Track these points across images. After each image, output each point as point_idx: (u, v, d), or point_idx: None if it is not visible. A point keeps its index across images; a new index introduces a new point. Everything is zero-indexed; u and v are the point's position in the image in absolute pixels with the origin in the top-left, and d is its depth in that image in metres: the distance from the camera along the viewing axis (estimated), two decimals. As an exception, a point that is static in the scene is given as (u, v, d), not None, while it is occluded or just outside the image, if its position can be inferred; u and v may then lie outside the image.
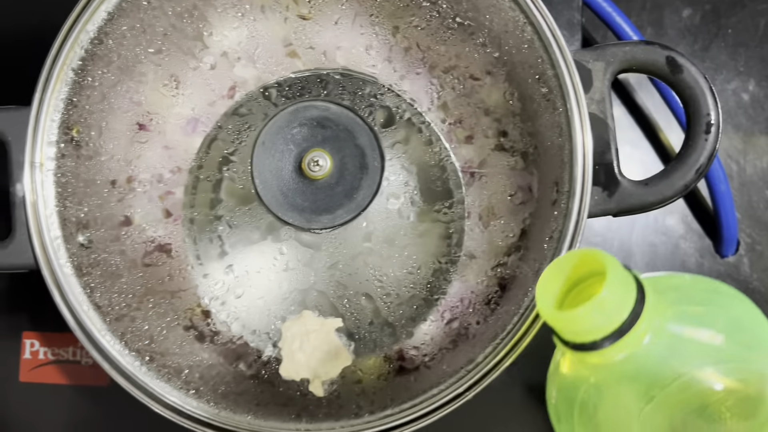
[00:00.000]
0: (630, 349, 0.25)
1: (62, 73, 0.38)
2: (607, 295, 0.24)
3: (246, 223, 0.44)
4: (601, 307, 0.24)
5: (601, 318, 0.25)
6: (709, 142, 0.37)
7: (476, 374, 0.37)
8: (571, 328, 0.25)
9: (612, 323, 0.25)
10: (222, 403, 0.38)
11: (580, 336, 0.25)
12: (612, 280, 0.24)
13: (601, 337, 0.25)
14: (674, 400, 0.25)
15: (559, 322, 0.25)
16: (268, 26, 0.44)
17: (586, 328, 0.25)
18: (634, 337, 0.25)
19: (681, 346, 0.26)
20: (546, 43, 0.37)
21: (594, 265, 0.26)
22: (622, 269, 0.25)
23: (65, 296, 0.38)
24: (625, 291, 0.25)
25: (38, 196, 0.38)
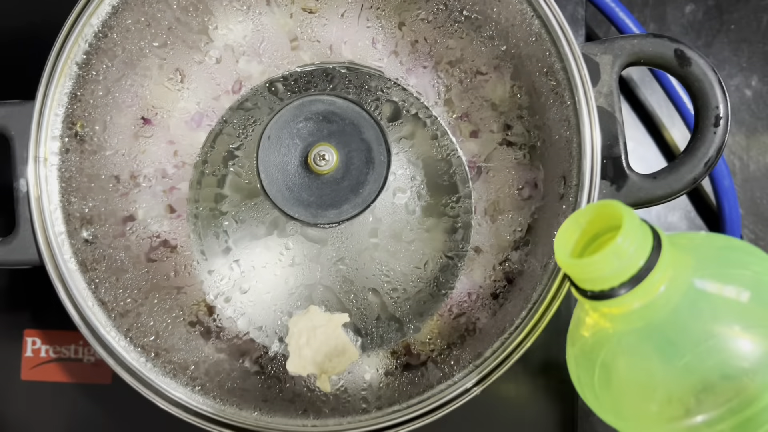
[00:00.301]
0: (646, 297, 0.26)
1: (66, 67, 0.38)
2: (623, 242, 0.25)
3: (251, 218, 0.43)
4: (617, 253, 0.25)
5: (618, 264, 0.25)
6: (717, 135, 0.37)
7: (484, 369, 0.37)
8: (588, 275, 0.26)
9: (628, 270, 0.25)
10: (228, 399, 0.38)
11: (597, 284, 0.26)
12: (628, 228, 0.25)
13: (618, 284, 0.25)
14: (704, 363, 0.26)
15: (576, 269, 0.26)
16: (273, 20, 0.43)
17: (603, 275, 0.26)
18: (650, 284, 0.25)
19: (705, 302, 0.26)
20: (554, 36, 0.37)
21: (611, 220, 0.26)
22: (638, 219, 0.26)
23: (70, 292, 0.38)
24: (642, 240, 0.26)
25: (42, 192, 0.38)
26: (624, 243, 0.25)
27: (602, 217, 0.27)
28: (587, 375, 0.28)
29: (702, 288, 0.26)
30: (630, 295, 0.26)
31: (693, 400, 0.25)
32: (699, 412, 0.25)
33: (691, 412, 0.25)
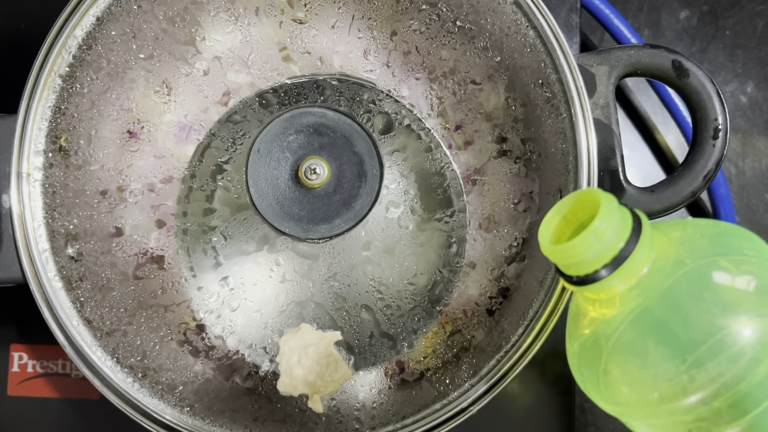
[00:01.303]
0: (630, 279, 0.27)
1: (50, 79, 0.38)
2: (600, 225, 0.26)
3: (241, 234, 0.43)
4: (595, 235, 0.26)
5: (598, 247, 0.26)
6: (717, 147, 0.37)
7: (481, 388, 0.37)
8: (570, 260, 0.27)
9: (609, 252, 0.26)
10: (218, 420, 0.38)
11: (581, 268, 0.27)
12: (605, 211, 0.26)
13: (601, 266, 0.27)
14: (696, 342, 0.26)
15: (558, 254, 0.27)
16: (262, 30, 0.43)
17: (584, 258, 0.27)
18: (631, 266, 0.26)
19: (698, 286, 0.27)
20: (549, 47, 0.37)
21: (593, 208, 0.27)
22: (617, 203, 0.27)
23: (54, 311, 0.37)
24: (621, 223, 0.27)
25: (25, 208, 0.38)
26: (602, 225, 0.26)
27: (584, 205, 0.28)
28: (590, 371, 0.29)
29: (695, 273, 0.27)
30: (613, 277, 0.27)
31: (686, 377, 0.26)
32: (693, 390, 0.26)
33: (686, 390, 0.26)
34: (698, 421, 0.26)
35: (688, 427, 0.27)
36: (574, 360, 0.30)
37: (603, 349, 0.28)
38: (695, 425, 0.26)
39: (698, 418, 0.26)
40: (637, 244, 0.26)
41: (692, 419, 0.26)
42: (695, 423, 0.26)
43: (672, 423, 0.27)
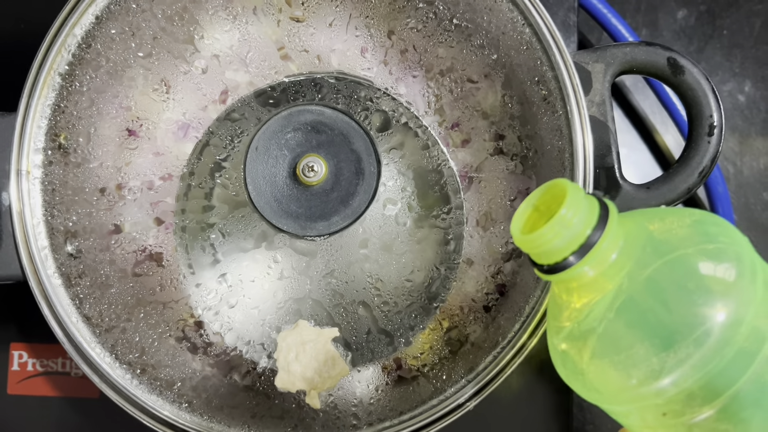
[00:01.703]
0: (599, 265, 0.27)
1: (49, 78, 0.38)
2: (567, 212, 0.27)
3: (239, 231, 0.43)
4: (562, 223, 0.27)
5: (566, 234, 0.27)
6: (712, 144, 0.37)
7: (477, 384, 0.37)
8: (540, 248, 0.27)
9: (576, 240, 0.27)
10: (216, 417, 0.38)
11: (551, 256, 0.27)
12: (571, 199, 0.27)
13: (569, 253, 0.27)
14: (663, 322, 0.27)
15: (528, 243, 0.28)
16: (260, 29, 0.44)
17: (553, 246, 0.27)
18: (599, 252, 0.27)
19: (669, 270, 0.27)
20: (545, 45, 0.37)
21: (563, 198, 0.28)
22: (583, 192, 0.28)
23: (53, 308, 0.38)
24: (588, 211, 0.27)
25: (25, 205, 0.38)
26: (568, 213, 0.27)
27: (555, 196, 0.28)
28: (572, 362, 0.29)
29: (674, 262, 0.27)
30: (581, 263, 0.27)
31: (656, 360, 0.26)
32: (663, 373, 0.26)
33: (656, 374, 0.26)
34: (671, 404, 0.27)
35: (662, 410, 0.27)
36: (555, 352, 0.30)
37: (579, 338, 0.28)
38: (669, 408, 0.27)
39: (670, 400, 0.27)
40: (603, 231, 0.27)
41: (664, 402, 0.27)
42: (668, 406, 0.27)
43: (646, 407, 0.27)
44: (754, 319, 0.26)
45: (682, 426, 0.27)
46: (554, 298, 0.30)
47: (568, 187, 0.27)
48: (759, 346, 0.26)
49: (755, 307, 0.26)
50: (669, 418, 0.27)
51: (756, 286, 0.27)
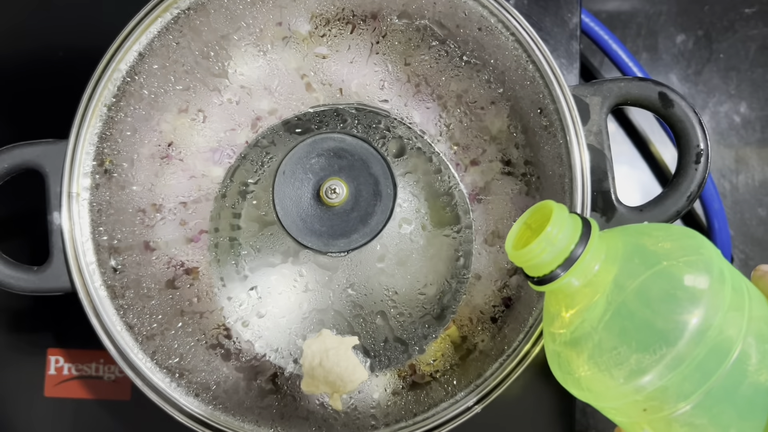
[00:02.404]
0: (583, 276, 0.29)
1: (97, 109, 0.40)
2: (552, 230, 0.29)
3: (267, 247, 0.45)
4: (547, 239, 0.29)
5: (552, 249, 0.29)
6: (699, 171, 0.39)
7: (485, 388, 0.39)
8: (530, 262, 0.29)
9: (562, 254, 0.29)
10: (247, 417, 0.40)
11: (541, 269, 0.29)
12: (555, 218, 0.29)
13: (556, 266, 0.29)
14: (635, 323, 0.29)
15: (520, 257, 0.30)
16: (288, 64, 0.45)
17: (542, 260, 0.29)
18: (583, 264, 0.29)
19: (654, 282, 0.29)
20: (547, 80, 0.39)
21: (550, 216, 0.30)
22: (567, 212, 0.30)
23: (100, 317, 0.39)
24: (572, 228, 0.29)
25: (75, 224, 0.39)
26: (553, 230, 0.29)
27: (543, 216, 0.30)
28: (564, 364, 0.31)
29: (655, 275, 0.29)
30: (567, 275, 0.29)
31: (633, 360, 0.28)
32: (640, 372, 0.28)
33: (634, 373, 0.28)
34: (650, 400, 0.28)
35: (642, 406, 0.29)
36: (550, 356, 0.32)
37: (570, 343, 0.30)
38: (648, 404, 0.28)
39: (649, 397, 0.28)
40: (586, 246, 0.29)
41: (644, 398, 0.28)
42: (647, 402, 0.28)
43: (628, 403, 0.29)
44: (722, 323, 0.28)
45: (662, 420, 0.29)
46: (548, 307, 0.32)
47: (554, 207, 0.29)
48: (729, 347, 0.28)
49: (723, 312, 0.28)
50: (649, 414, 0.29)
51: (724, 293, 0.28)
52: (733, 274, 0.30)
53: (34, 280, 0.40)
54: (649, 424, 0.30)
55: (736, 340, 0.28)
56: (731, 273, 0.30)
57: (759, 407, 0.29)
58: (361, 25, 0.44)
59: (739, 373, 0.28)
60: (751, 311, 0.29)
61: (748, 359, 0.28)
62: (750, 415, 0.29)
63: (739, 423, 0.29)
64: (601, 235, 0.30)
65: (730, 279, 0.29)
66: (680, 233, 0.31)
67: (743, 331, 0.28)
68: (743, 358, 0.28)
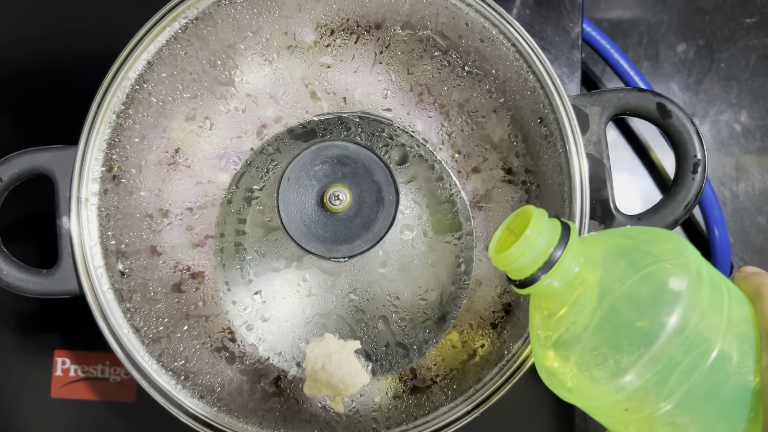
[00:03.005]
0: (563, 278, 0.30)
1: (106, 116, 0.40)
2: (531, 233, 0.29)
3: (272, 252, 0.45)
4: (527, 243, 0.29)
5: (531, 253, 0.29)
6: (696, 180, 0.39)
7: (484, 393, 0.39)
8: (512, 265, 0.30)
9: (542, 257, 0.30)
10: (251, 419, 0.40)
11: (522, 272, 0.30)
12: (534, 222, 0.30)
13: (536, 269, 0.30)
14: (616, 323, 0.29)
15: (501, 261, 0.30)
16: (293, 73, 0.46)
17: (522, 264, 0.30)
18: (562, 267, 0.30)
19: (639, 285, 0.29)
20: (547, 90, 0.40)
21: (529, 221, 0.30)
22: (545, 217, 0.30)
23: (108, 320, 0.40)
24: (551, 233, 0.30)
25: (83, 229, 0.40)
26: (532, 234, 0.29)
27: (525, 221, 0.31)
28: (548, 364, 0.31)
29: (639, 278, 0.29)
30: (546, 277, 0.30)
31: (612, 361, 0.28)
32: (619, 373, 0.28)
33: (613, 374, 0.28)
34: (630, 400, 0.29)
35: (624, 406, 0.29)
36: (536, 357, 0.33)
37: (554, 344, 0.31)
38: (629, 404, 0.29)
39: (630, 397, 0.28)
40: (564, 248, 0.30)
41: (625, 398, 0.29)
42: (629, 402, 0.29)
43: (610, 403, 0.29)
44: (700, 323, 0.28)
45: (645, 420, 0.29)
46: (532, 310, 0.32)
47: (533, 212, 0.30)
48: (708, 347, 0.28)
49: (700, 312, 0.28)
50: (631, 413, 0.29)
51: (701, 293, 0.29)
52: (712, 274, 0.30)
53: (43, 283, 0.40)
54: (632, 424, 0.30)
55: (715, 340, 0.28)
56: (710, 273, 0.30)
57: (741, 406, 0.29)
58: (365, 35, 0.44)
59: (720, 372, 0.29)
60: (731, 312, 0.29)
61: (729, 359, 0.29)
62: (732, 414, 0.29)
63: (722, 422, 0.29)
64: (581, 239, 0.31)
65: (709, 279, 0.30)
66: (658, 236, 0.31)
67: (722, 331, 0.29)
68: (723, 358, 0.29)
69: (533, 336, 0.32)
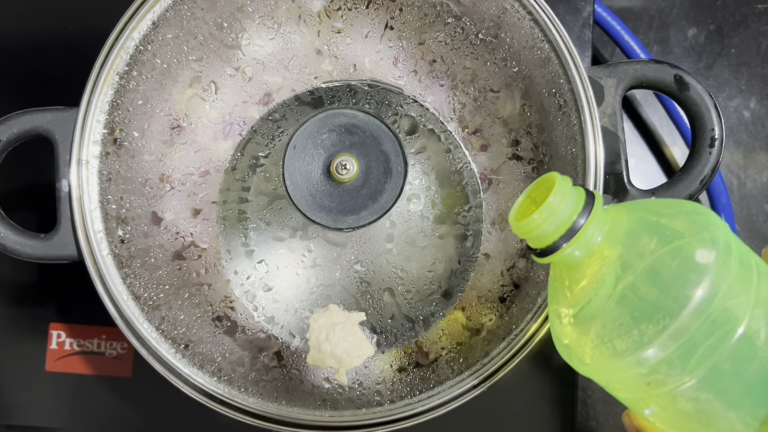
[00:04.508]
0: (585, 247, 0.29)
1: (109, 77, 0.40)
2: (554, 200, 0.29)
3: (276, 222, 0.45)
4: (549, 209, 0.29)
5: (554, 220, 0.29)
6: (713, 155, 0.39)
7: (491, 368, 0.39)
8: (533, 233, 0.30)
9: (564, 224, 0.29)
10: (252, 390, 0.40)
11: (543, 240, 0.30)
12: (558, 188, 0.29)
13: (558, 237, 0.29)
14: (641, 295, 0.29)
15: (522, 229, 0.30)
16: (302, 38, 0.45)
17: (544, 231, 0.29)
18: (585, 235, 0.29)
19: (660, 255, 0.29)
20: (563, 60, 0.39)
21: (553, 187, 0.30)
22: (570, 183, 0.30)
23: (107, 286, 0.39)
24: (575, 200, 0.29)
25: (84, 192, 0.39)
26: (555, 200, 0.29)
27: (548, 189, 0.30)
28: (567, 338, 0.31)
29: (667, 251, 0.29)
30: (569, 245, 0.29)
31: (636, 331, 0.28)
32: (643, 344, 0.28)
33: (637, 345, 0.28)
34: (653, 373, 0.28)
35: (646, 380, 0.29)
36: (554, 331, 0.32)
37: (574, 317, 0.30)
38: (652, 378, 0.28)
39: (652, 370, 0.28)
40: (588, 217, 0.29)
41: (647, 371, 0.28)
42: (651, 376, 0.28)
43: (631, 377, 0.29)
44: (727, 297, 0.28)
45: (667, 395, 0.29)
46: (552, 281, 0.32)
47: (557, 178, 0.30)
48: (735, 322, 0.28)
49: (728, 285, 0.28)
50: (653, 388, 0.29)
51: (729, 266, 0.28)
52: (741, 249, 0.30)
53: (41, 246, 0.39)
54: (653, 399, 0.29)
55: (743, 315, 0.28)
56: (739, 247, 0.30)
57: (766, 385, 0.28)
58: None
59: (747, 348, 0.28)
60: (759, 288, 0.29)
61: (756, 335, 0.28)
62: (758, 391, 0.28)
63: (747, 399, 0.29)
64: (606, 209, 0.30)
65: (738, 253, 0.29)
66: (686, 208, 0.31)
67: (750, 306, 0.28)
68: (751, 334, 0.28)
69: (552, 308, 0.32)
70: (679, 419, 0.30)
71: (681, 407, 0.29)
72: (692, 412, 0.29)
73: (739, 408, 0.29)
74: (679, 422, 0.30)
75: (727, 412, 0.29)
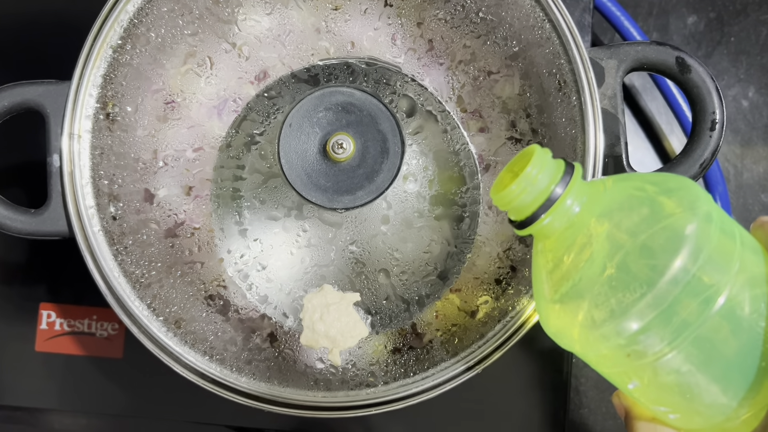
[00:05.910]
0: (564, 217, 0.30)
1: (102, 50, 0.39)
2: (532, 170, 0.29)
3: (271, 200, 0.45)
4: (527, 179, 0.29)
5: (532, 190, 0.29)
6: (713, 138, 0.39)
7: (486, 350, 0.39)
8: (512, 204, 0.30)
9: (542, 195, 0.29)
10: (244, 369, 0.40)
11: (522, 212, 0.30)
12: (536, 159, 0.29)
13: (537, 207, 0.29)
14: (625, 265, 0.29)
15: (501, 200, 0.30)
16: (299, 14, 0.45)
17: (522, 202, 0.29)
18: (563, 205, 0.29)
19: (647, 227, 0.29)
20: (563, 40, 0.39)
21: None
22: (549, 154, 0.30)
23: (98, 263, 0.39)
24: (553, 170, 0.30)
25: (75, 166, 0.39)
26: (532, 171, 0.29)
27: (529, 161, 0.30)
28: (554, 315, 0.31)
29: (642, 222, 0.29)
30: (547, 215, 0.29)
31: (614, 301, 0.28)
32: (620, 314, 0.28)
33: (614, 314, 0.28)
34: (632, 344, 0.28)
35: (626, 351, 0.28)
36: (538, 304, 0.32)
37: (554, 289, 0.30)
38: (631, 349, 0.28)
39: (631, 340, 0.28)
40: (566, 188, 0.29)
41: (626, 342, 0.28)
42: (630, 347, 0.28)
43: (610, 350, 0.29)
44: (706, 266, 0.27)
45: (648, 367, 0.28)
46: (536, 255, 0.32)
47: (536, 149, 0.30)
48: (715, 292, 0.27)
49: (707, 253, 0.27)
50: (633, 360, 0.28)
51: (709, 235, 0.28)
52: (723, 219, 0.30)
53: (31, 222, 0.39)
54: (635, 372, 0.29)
55: (723, 285, 0.28)
56: (721, 218, 0.29)
57: (751, 355, 0.28)
58: (376, -26, 0.44)
59: (729, 319, 0.28)
60: (743, 260, 0.29)
61: (740, 306, 0.28)
62: (742, 363, 0.28)
63: (731, 371, 0.28)
64: (590, 182, 0.30)
65: (719, 223, 0.29)
66: (669, 181, 0.31)
67: (732, 276, 0.28)
68: (732, 306, 0.28)
69: (536, 283, 0.32)
70: (662, 393, 0.30)
71: (663, 380, 0.29)
72: (674, 385, 0.29)
73: (722, 380, 0.28)
74: (662, 396, 0.30)
75: (709, 385, 0.29)
